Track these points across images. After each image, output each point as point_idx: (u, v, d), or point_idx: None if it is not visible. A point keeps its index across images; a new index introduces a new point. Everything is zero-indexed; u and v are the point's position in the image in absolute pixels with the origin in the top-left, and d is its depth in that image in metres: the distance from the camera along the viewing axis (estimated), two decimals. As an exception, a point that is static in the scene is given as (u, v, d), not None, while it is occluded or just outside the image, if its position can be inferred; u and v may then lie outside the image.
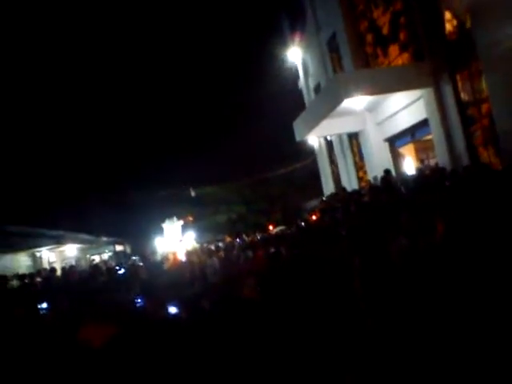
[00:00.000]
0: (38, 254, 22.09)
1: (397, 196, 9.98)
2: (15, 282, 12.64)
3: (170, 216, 23.24)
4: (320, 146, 21.37)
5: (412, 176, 12.23)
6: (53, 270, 14.74)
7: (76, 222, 28.62)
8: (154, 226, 25.57)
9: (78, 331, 4.50)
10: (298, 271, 7.28)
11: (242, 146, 43.71)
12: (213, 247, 15.22)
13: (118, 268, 13.45)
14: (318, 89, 20.29)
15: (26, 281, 12.54)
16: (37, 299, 7.25)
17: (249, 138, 44.09)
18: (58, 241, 22.64)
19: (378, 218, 7.82)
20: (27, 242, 19.67)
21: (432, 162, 13.47)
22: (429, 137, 13.07)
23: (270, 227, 21.55)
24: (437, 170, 10.49)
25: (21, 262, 20.22)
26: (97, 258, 26.72)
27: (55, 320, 5.94)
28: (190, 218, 28.13)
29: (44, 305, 6.98)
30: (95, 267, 14.25)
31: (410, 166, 14.52)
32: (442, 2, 11.29)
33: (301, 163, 35.31)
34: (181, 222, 23.00)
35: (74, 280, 11.46)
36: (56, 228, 22.76)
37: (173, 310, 5.66)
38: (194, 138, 48.89)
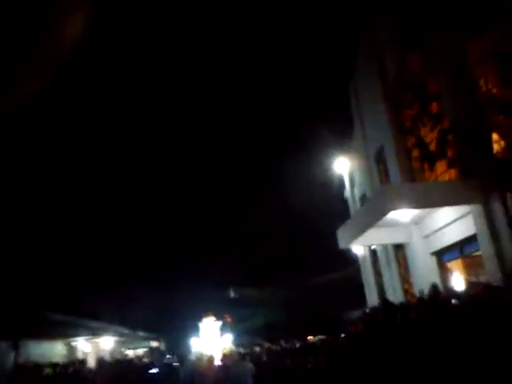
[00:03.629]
0: (73, 344, 22.04)
1: (445, 313, 9.60)
2: (48, 370, 12.66)
3: (207, 315, 22.96)
4: (364, 255, 21.16)
5: (461, 292, 11.80)
6: (83, 362, 14.72)
7: (114, 314, 28.68)
8: (190, 323, 25.29)
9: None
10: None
11: (285, 251, 43.79)
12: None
13: (151, 367, 13.22)
14: (363, 199, 20.54)
15: (58, 370, 12.58)
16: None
17: (292, 244, 44.26)
18: (95, 332, 22.61)
19: (425, 336, 7.52)
20: (64, 331, 19.75)
21: (482, 279, 13.02)
22: (478, 253, 12.78)
23: (310, 336, 20.85)
24: (487, 288, 10.11)
25: (56, 350, 20.19)
26: (131, 353, 26.28)
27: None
28: (229, 319, 27.65)
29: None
30: (128, 363, 14.11)
31: (458, 281, 14.05)
32: (489, 125, 11.62)
33: (343, 272, 34.76)
34: (219, 322, 22.64)
35: (106, 374, 11.36)
36: (94, 319, 22.85)
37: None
38: (237, 240, 49.44)
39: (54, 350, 19.96)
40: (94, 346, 24.25)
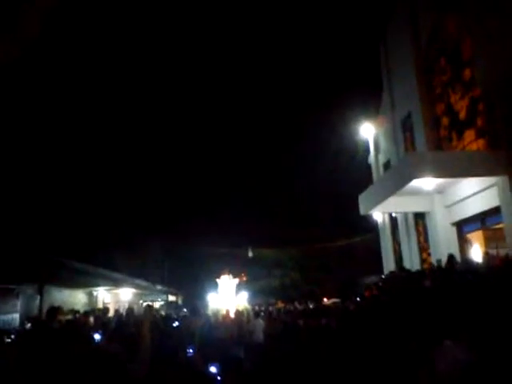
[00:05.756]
0: (94, 293, 22.70)
1: (459, 284, 9.57)
2: (70, 316, 13.11)
3: (225, 272, 23.35)
4: (384, 222, 21.05)
5: (479, 264, 11.71)
6: (106, 310, 15.13)
7: (133, 266, 29.35)
8: (208, 280, 25.79)
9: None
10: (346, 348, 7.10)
11: (305, 213, 43.87)
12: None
13: (173, 320, 13.47)
14: (387, 165, 20.28)
15: (77, 316, 13.01)
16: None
17: (312, 206, 44.30)
18: (115, 283, 23.19)
19: (438, 307, 7.52)
20: (85, 280, 20.27)
21: (502, 252, 12.87)
22: (500, 225, 12.60)
23: (324, 299, 21.13)
24: (507, 261, 10.01)
25: (78, 298, 20.82)
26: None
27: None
28: (244, 278, 28.08)
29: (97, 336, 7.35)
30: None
31: (477, 253, 13.94)
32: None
33: (362, 237, 34.77)
34: (235, 280, 23.04)
35: (128, 323, 11.63)
36: (115, 270, 23.39)
37: (213, 369, 5.74)
38: (259, 200, 49.59)
39: (76, 298, 20.59)
40: (114, 297, 24.96)
